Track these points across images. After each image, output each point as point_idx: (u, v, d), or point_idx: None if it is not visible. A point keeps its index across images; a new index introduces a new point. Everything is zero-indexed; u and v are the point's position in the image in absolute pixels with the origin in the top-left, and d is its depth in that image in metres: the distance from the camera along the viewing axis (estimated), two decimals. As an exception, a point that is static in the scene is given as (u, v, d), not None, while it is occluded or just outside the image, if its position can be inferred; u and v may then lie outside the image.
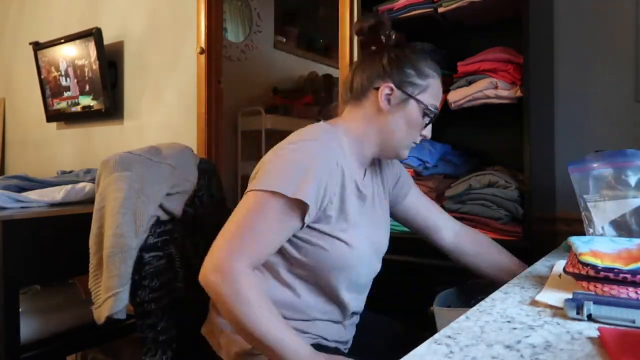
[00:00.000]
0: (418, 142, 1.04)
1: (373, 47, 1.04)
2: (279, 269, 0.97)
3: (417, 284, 1.39)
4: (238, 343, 0.95)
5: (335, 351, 1.01)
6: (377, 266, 1.09)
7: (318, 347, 0.97)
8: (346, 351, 1.06)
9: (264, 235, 0.88)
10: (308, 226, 0.93)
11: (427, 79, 1.00)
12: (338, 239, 0.95)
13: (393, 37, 1.03)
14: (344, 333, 1.04)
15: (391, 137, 1.01)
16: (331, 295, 0.99)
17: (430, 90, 1.00)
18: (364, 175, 1.06)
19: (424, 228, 1.20)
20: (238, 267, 0.84)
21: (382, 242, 1.09)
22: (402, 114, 0.99)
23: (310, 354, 0.85)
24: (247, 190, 0.92)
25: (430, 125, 1.04)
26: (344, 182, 0.95)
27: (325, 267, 0.96)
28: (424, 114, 1.00)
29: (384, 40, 1.03)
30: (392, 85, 0.98)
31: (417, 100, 0.99)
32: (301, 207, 0.88)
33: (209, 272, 0.85)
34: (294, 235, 0.93)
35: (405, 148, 1.04)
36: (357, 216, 0.98)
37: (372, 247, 1.04)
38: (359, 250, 0.98)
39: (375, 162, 1.10)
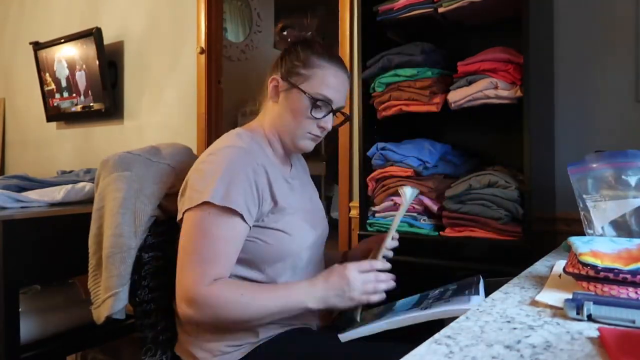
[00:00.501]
0: (318, 133, 1.06)
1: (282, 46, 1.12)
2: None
3: (417, 284, 1.39)
4: (211, 347, 0.97)
5: (305, 329, 1.04)
6: (320, 250, 1.13)
7: (285, 331, 0.99)
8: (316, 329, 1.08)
9: (216, 251, 0.90)
10: (254, 225, 0.96)
11: (313, 68, 1.02)
12: (278, 230, 0.99)
13: (290, 36, 1.11)
14: (309, 314, 1.03)
15: (282, 127, 1.05)
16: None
17: (315, 79, 1.02)
18: (291, 168, 1.11)
19: None
20: (205, 290, 0.88)
21: (318, 229, 1.12)
22: (287, 102, 1.04)
23: (314, 290, 0.92)
24: (181, 211, 0.95)
25: (330, 117, 1.05)
26: (269, 178, 0.99)
27: (268, 260, 0.99)
28: (314, 104, 1.02)
29: (290, 40, 1.09)
30: (278, 77, 1.04)
31: (299, 89, 1.02)
32: (235, 212, 0.91)
33: (184, 306, 0.89)
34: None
35: (301, 139, 1.05)
36: (289, 204, 1.02)
37: (307, 233, 1.06)
38: (300, 237, 1.02)
39: (293, 156, 1.15)
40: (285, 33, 0.98)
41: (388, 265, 1.00)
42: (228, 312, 0.88)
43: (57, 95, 2.96)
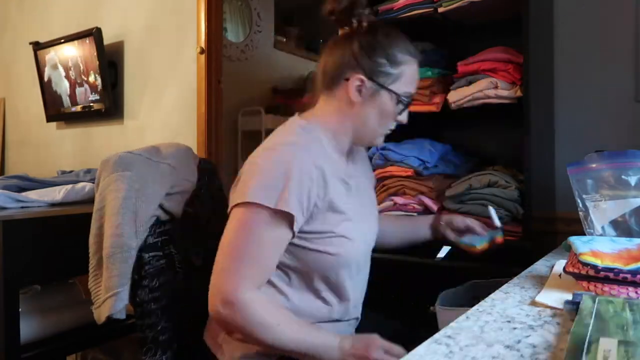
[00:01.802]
0: (393, 127, 1.04)
1: (344, 29, 1.01)
2: (281, 280, 0.96)
3: (417, 284, 1.39)
4: (240, 348, 0.95)
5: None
6: (369, 255, 1.10)
7: None
8: None
9: (259, 253, 0.88)
10: (304, 231, 0.92)
11: (400, 66, 0.96)
12: (336, 235, 0.94)
13: (364, 21, 0.98)
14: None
15: (364, 128, 0.99)
16: (336, 292, 0.99)
17: (403, 79, 0.97)
18: (348, 165, 1.05)
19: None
20: (246, 297, 0.85)
21: (374, 229, 1.09)
22: (375, 104, 0.97)
23: (340, 346, 0.87)
24: (230, 205, 0.91)
25: (406, 111, 1.02)
26: (326, 181, 0.93)
27: (325, 268, 0.95)
28: (398, 102, 0.98)
29: (355, 24, 0.99)
30: (362, 76, 0.95)
31: (390, 90, 0.96)
32: (287, 217, 0.87)
33: (219, 306, 0.85)
34: (291, 244, 0.92)
35: (380, 136, 1.03)
36: (347, 208, 0.97)
37: (366, 236, 1.04)
38: (358, 242, 0.98)
39: (352, 150, 1.09)
40: (340, 20, 0.93)
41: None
42: (257, 332, 0.85)
43: (57, 95, 2.96)
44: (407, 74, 0.98)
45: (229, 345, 0.97)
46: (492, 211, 1.09)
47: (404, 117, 1.03)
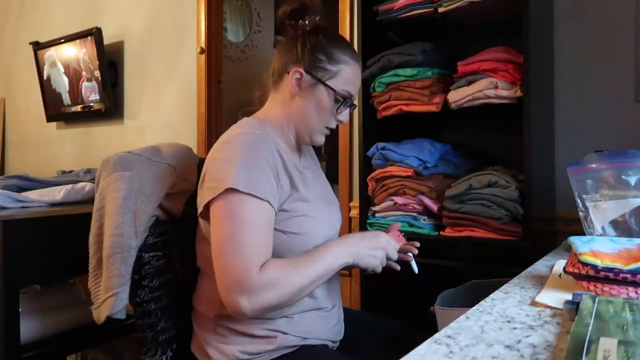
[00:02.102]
0: (333, 127, 1.06)
1: (292, 32, 1.06)
2: None
3: (417, 284, 1.39)
4: (224, 349, 0.96)
5: (323, 348, 1.01)
6: (336, 230, 1.11)
7: (304, 347, 0.97)
8: (334, 348, 1.06)
9: (255, 236, 0.88)
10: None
11: (339, 64, 1.01)
12: (302, 215, 0.97)
13: (307, 22, 1.04)
14: (324, 325, 1.03)
15: (303, 121, 1.03)
16: None
17: (341, 76, 1.01)
18: (300, 157, 1.09)
19: None
20: (259, 277, 0.85)
21: (336, 217, 1.11)
22: (312, 97, 1.01)
23: (354, 246, 0.97)
24: (203, 203, 0.93)
25: (346, 111, 1.05)
26: (285, 162, 0.98)
27: (295, 249, 0.96)
28: (336, 100, 1.01)
29: (300, 24, 1.04)
30: (301, 70, 1.00)
31: (326, 85, 1.00)
32: (261, 198, 0.90)
33: (237, 297, 0.85)
34: None
35: (319, 133, 1.05)
36: (306, 191, 1.01)
37: (329, 219, 1.06)
38: (320, 221, 1.01)
39: (302, 149, 1.13)
40: (290, 21, 0.98)
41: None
42: (289, 288, 0.87)
43: (57, 95, 2.96)
44: (345, 72, 1.02)
45: (214, 351, 0.97)
46: (413, 263, 1.09)
47: (344, 117, 1.05)
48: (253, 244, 0.87)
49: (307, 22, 1.04)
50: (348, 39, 1.98)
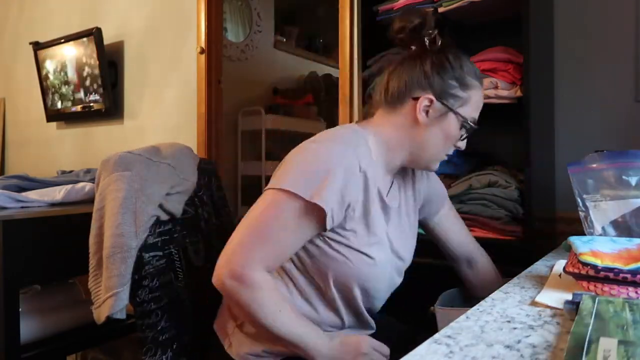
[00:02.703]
0: (451, 153, 1.00)
1: (413, 47, 0.98)
2: (299, 280, 0.95)
3: (418, 284, 1.39)
4: (248, 344, 0.95)
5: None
6: (397, 281, 1.06)
7: None
8: None
9: (280, 237, 0.86)
10: (331, 235, 0.90)
11: (469, 90, 0.94)
12: (361, 252, 0.92)
13: (438, 41, 0.96)
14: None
15: (425, 149, 0.96)
16: (349, 309, 0.98)
17: (471, 103, 0.95)
18: (391, 185, 1.01)
19: (452, 254, 1.19)
20: (255, 275, 0.84)
21: (406, 258, 1.05)
22: (440, 127, 0.94)
23: (329, 344, 0.88)
24: (265, 188, 0.90)
25: (466, 138, 0.99)
26: (367, 187, 0.91)
27: (345, 280, 0.93)
28: (462, 126, 0.95)
29: (427, 43, 0.96)
30: (432, 97, 0.92)
31: (457, 114, 0.94)
32: (319, 212, 0.85)
33: (226, 277, 0.84)
34: (313, 243, 0.91)
35: (438, 161, 1.00)
36: (380, 229, 0.95)
37: (394, 262, 1.01)
38: (382, 266, 0.95)
39: (408, 172, 1.06)
40: (402, 35, 0.94)
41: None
42: (256, 313, 0.85)
43: (57, 95, 2.96)
44: (474, 99, 0.95)
45: (237, 339, 0.97)
46: None
47: (463, 144, 1.00)
48: (273, 246, 0.86)
49: (435, 39, 0.96)
50: (348, 39, 1.98)
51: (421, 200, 1.11)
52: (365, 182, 0.90)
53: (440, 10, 1.45)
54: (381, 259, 0.95)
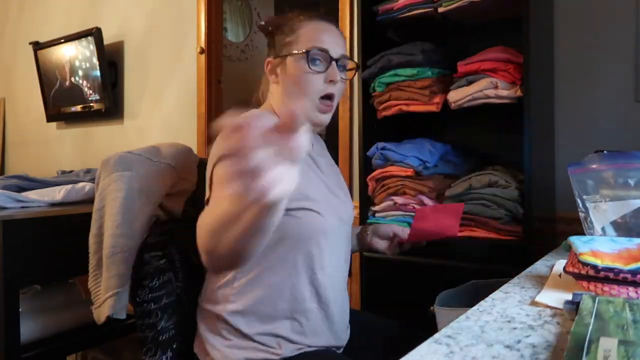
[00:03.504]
0: (328, 90, 1.00)
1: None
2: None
3: (417, 284, 1.39)
4: (228, 352, 0.95)
5: (326, 351, 1.00)
6: (346, 241, 1.09)
7: (306, 352, 0.96)
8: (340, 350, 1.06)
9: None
10: None
11: (296, 31, 1.01)
12: (306, 209, 0.94)
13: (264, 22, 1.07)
14: (329, 333, 1.01)
15: (291, 101, 1.01)
16: (305, 275, 0.97)
17: (303, 38, 1.00)
18: (312, 145, 1.07)
19: None
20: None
21: (347, 211, 1.09)
22: (287, 73, 1.01)
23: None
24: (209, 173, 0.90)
25: (334, 67, 1.00)
26: None
27: (295, 238, 0.94)
28: (309, 58, 0.98)
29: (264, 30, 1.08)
30: (271, 58, 1.04)
31: (291, 54, 1.00)
32: None
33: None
34: None
35: (314, 108, 1.00)
36: (315, 187, 0.99)
37: (338, 216, 1.03)
38: (327, 219, 0.97)
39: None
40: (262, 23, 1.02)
41: None
42: (204, 229, 0.75)
43: (57, 95, 2.96)
44: (306, 33, 1.01)
45: (218, 354, 0.96)
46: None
47: (333, 75, 0.99)
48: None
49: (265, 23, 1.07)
50: (348, 39, 1.98)
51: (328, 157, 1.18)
52: None
53: (440, 10, 1.45)
54: (325, 212, 0.98)
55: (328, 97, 1.00)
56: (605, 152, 0.98)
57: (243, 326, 0.95)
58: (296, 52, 0.99)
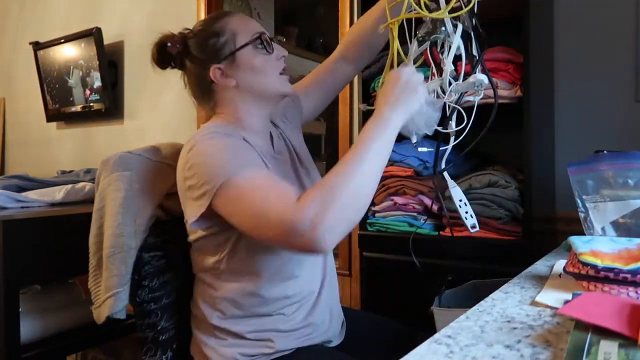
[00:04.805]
0: (284, 65, 1.05)
1: (173, 64, 1.11)
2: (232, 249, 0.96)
3: (417, 284, 1.39)
4: (228, 356, 0.96)
5: (322, 348, 1.01)
6: None
7: (302, 348, 0.97)
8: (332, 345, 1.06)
9: (270, 186, 0.85)
10: None
11: (224, 29, 1.00)
12: None
13: (178, 46, 1.05)
14: (323, 316, 1.03)
15: (258, 90, 1.02)
16: (284, 276, 0.98)
17: (238, 32, 1.00)
18: (272, 140, 1.08)
19: (329, 84, 1.24)
20: (300, 207, 0.79)
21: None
22: (240, 69, 1.00)
23: (394, 106, 0.93)
24: (198, 212, 0.88)
25: (277, 46, 1.04)
26: (258, 151, 0.97)
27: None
28: (257, 45, 1.00)
29: (175, 52, 1.07)
30: (215, 65, 0.99)
31: (238, 49, 0.99)
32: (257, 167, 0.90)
33: (305, 236, 0.77)
34: None
35: (277, 84, 1.03)
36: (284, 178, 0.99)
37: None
38: None
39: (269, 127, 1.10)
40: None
41: None
42: (338, 190, 0.80)
43: (58, 95, 2.96)
44: (235, 28, 1.00)
45: (214, 353, 0.97)
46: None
47: (278, 51, 1.04)
48: (272, 194, 0.83)
49: (178, 37, 1.05)
50: (348, 39, 1.98)
51: (291, 131, 1.16)
52: (254, 148, 0.96)
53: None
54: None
55: (284, 70, 1.06)
56: (605, 152, 0.98)
57: (234, 328, 0.97)
58: (242, 46, 0.99)
